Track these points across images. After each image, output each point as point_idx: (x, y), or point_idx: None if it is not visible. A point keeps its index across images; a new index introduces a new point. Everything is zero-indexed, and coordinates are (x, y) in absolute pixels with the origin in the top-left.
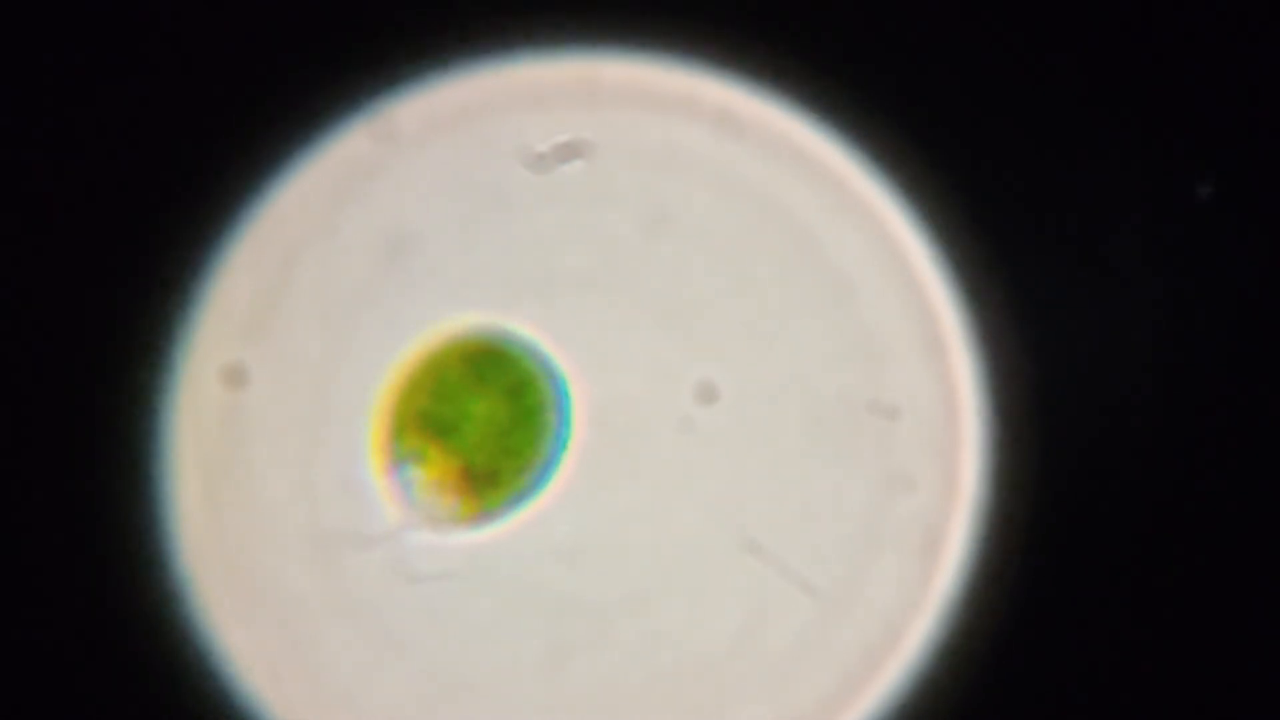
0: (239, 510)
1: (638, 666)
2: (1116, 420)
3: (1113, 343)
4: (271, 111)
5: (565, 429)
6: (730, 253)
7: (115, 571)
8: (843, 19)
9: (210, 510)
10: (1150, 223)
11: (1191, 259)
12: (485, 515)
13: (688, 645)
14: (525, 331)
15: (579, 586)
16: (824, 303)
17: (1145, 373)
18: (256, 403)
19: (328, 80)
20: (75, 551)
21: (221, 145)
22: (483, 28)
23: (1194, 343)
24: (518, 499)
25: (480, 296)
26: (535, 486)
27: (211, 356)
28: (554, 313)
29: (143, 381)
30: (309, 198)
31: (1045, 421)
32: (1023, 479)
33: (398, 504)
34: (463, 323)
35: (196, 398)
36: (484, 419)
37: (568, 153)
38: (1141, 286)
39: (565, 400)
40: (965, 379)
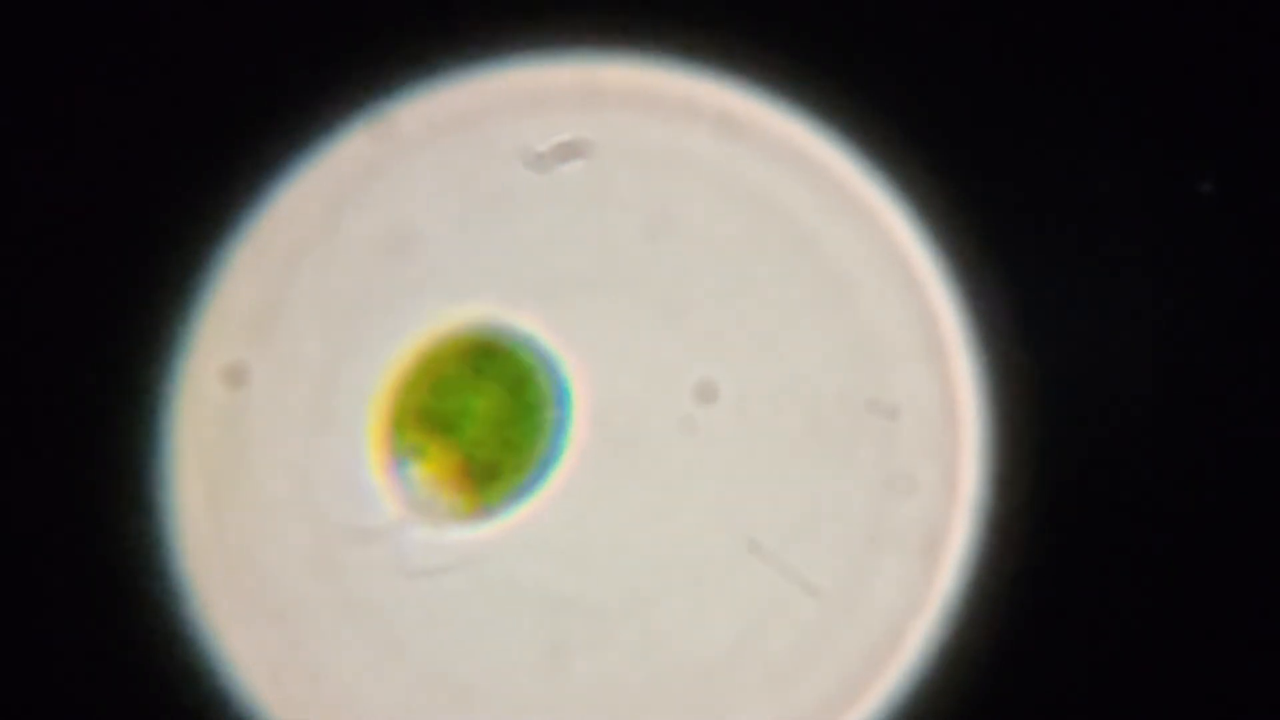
0: (239, 509)
1: (638, 666)
2: (1116, 420)
3: (1113, 343)
4: (274, 113)
5: (565, 424)
6: (730, 254)
7: (115, 571)
8: (842, 21)
9: (211, 509)
10: (1150, 225)
11: (1191, 261)
12: (485, 511)
13: (688, 645)
14: (525, 329)
15: (579, 587)
16: (824, 304)
17: (1145, 373)
18: (257, 402)
19: (330, 82)
20: (75, 551)
21: (224, 146)
22: (484, 31)
23: (1194, 344)
24: (517, 494)
25: (481, 297)
26: (535, 482)
27: (213, 356)
28: (555, 313)
29: (144, 381)
30: (311, 198)
31: (1045, 422)
32: (1023, 479)
33: (398, 500)
34: (463, 319)
35: (198, 397)
36: (484, 414)
37: (568, 152)
38: (1142, 287)
39: (565, 395)
40: (965, 379)
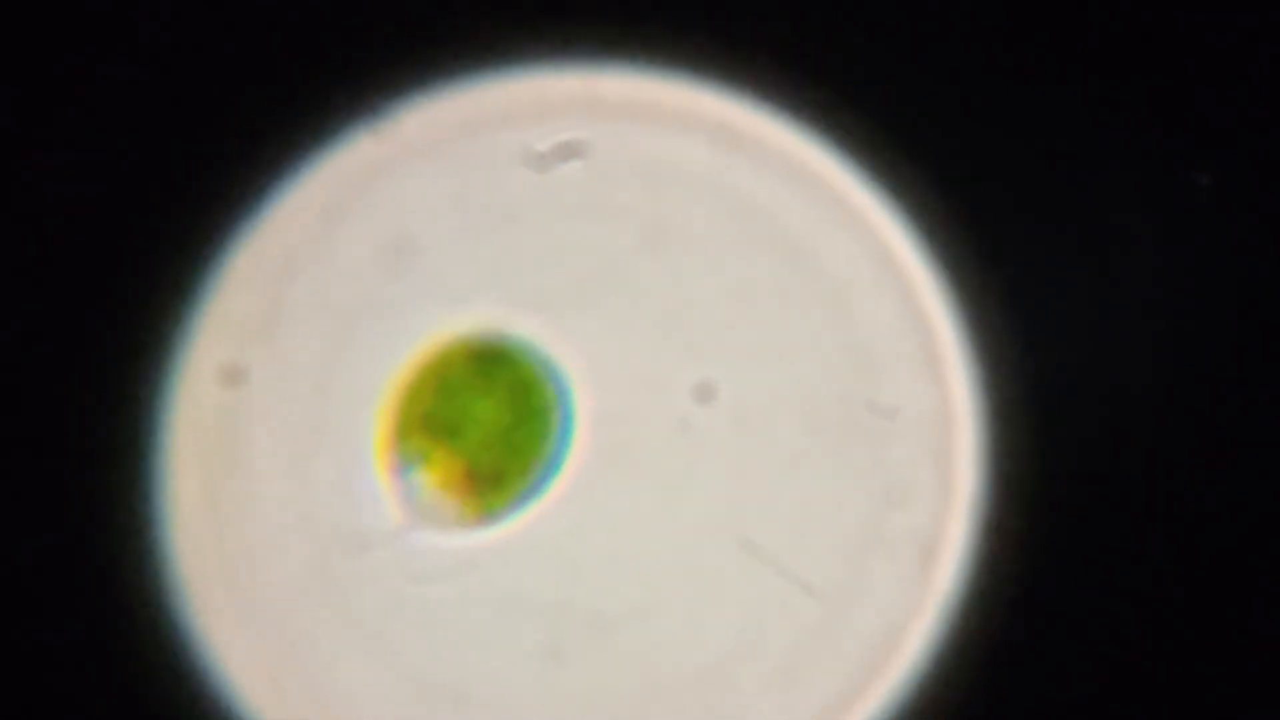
0: (238, 512)
1: (637, 670)
2: (1112, 423)
3: (1107, 347)
4: (277, 117)
5: (568, 430)
6: (727, 261)
7: (112, 572)
8: (837, 32)
9: (209, 512)
10: (1147, 232)
11: (1189, 267)
12: (489, 517)
13: (687, 649)
14: (527, 335)
15: (577, 591)
16: (821, 310)
17: (1141, 375)
18: (257, 405)
19: (332, 87)
20: (71, 552)
21: (227, 150)
22: (484, 40)
23: (1191, 346)
24: (521, 500)
25: (480, 304)
26: (538, 488)
27: (213, 358)
28: (555, 320)
29: (144, 384)
30: (312, 203)
31: (1041, 424)
32: (1019, 482)
33: (401, 505)
34: (467, 325)
35: (197, 400)
36: (488, 420)
37: (566, 152)
38: (1138, 293)
39: (567, 401)
40: (961, 385)
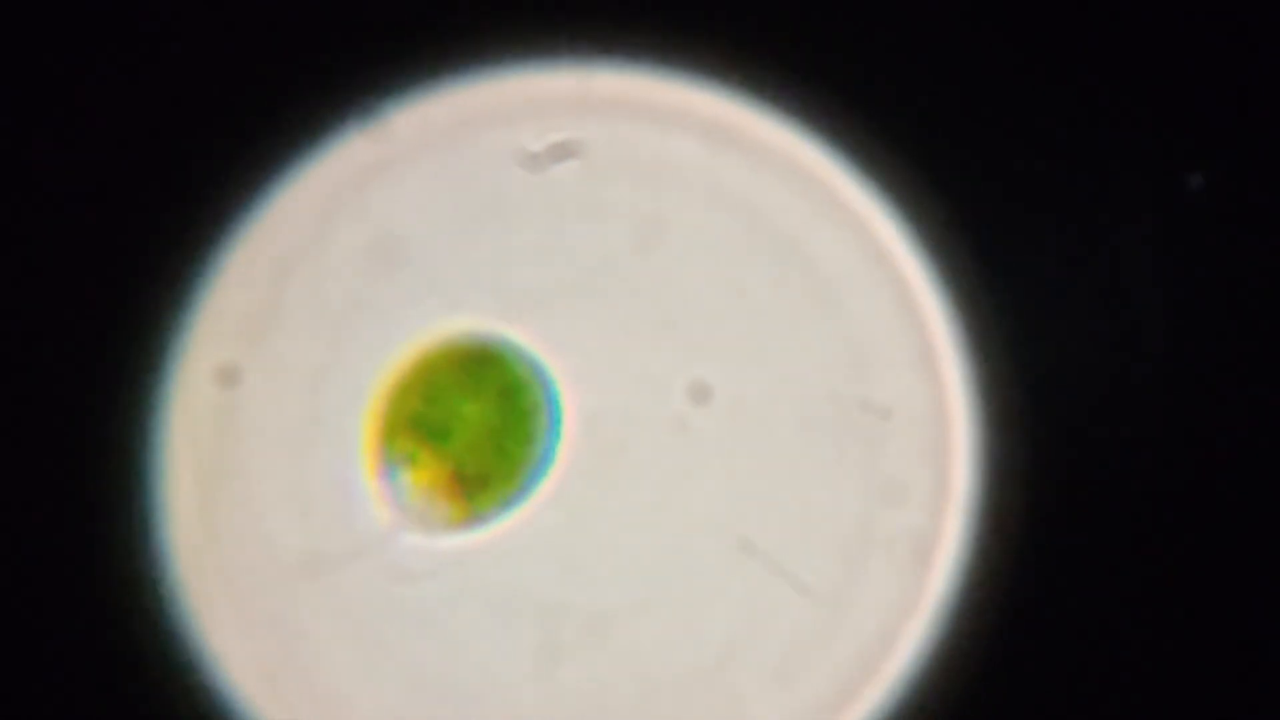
0: (231, 515)
1: (631, 670)
2: (1107, 423)
3: (1103, 347)
4: (269, 117)
5: (557, 433)
6: (721, 260)
7: (107, 572)
8: (830, 29)
9: (203, 514)
10: (1141, 229)
11: (1182, 262)
12: (477, 519)
13: (681, 648)
14: (517, 336)
15: (572, 591)
16: (814, 308)
17: (1136, 376)
18: (249, 406)
19: (325, 87)
20: (67, 553)
21: (219, 149)
22: (477, 38)
23: (1186, 345)
24: (509, 503)
25: (473, 303)
26: (526, 490)
27: (208, 359)
28: (547, 320)
29: (137, 384)
30: (305, 203)
31: (1035, 423)
32: (1014, 482)
33: (389, 507)
34: (455, 327)
35: (190, 400)
36: (476, 422)
37: (561, 152)
38: (1133, 291)
39: (556, 404)
40: (956, 383)
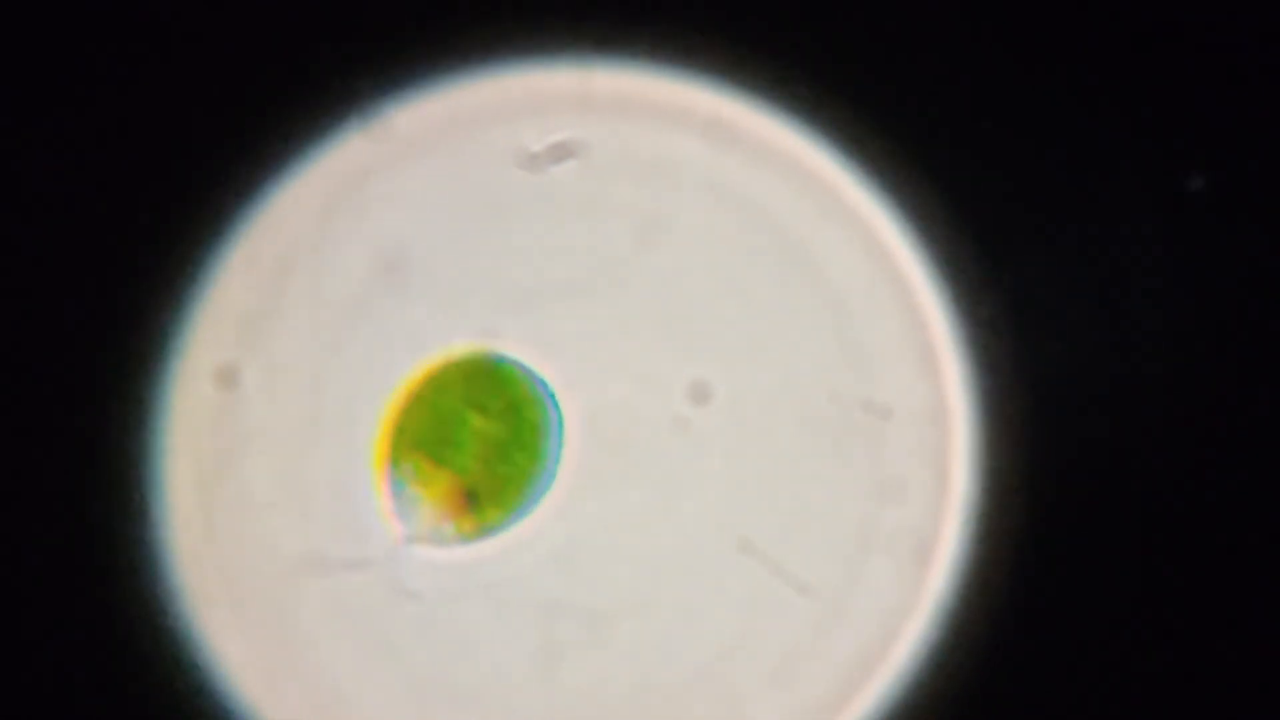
0: (231, 515)
1: (632, 671)
2: (1107, 422)
3: (1104, 349)
4: (269, 116)
5: (562, 444)
6: (722, 259)
7: (107, 574)
8: (832, 27)
9: (203, 514)
10: (1142, 231)
11: (1183, 262)
12: (484, 533)
13: (681, 648)
14: (520, 342)
15: (573, 592)
16: (815, 307)
17: (1136, 375)
18: (249, 406)
19: (324, 85)
20: (66, 554)
21: (219, 149)
22: (477, 37)
23: (1186, 345)
24: (516, 516)
25: (474, 304)
26: (533, 503)
27: (205, 359)
28: (548, 320)
29: (137, 384)
30: (304, 202)
31: (1036, 424)
32: (1014, 481)
33: (396, 522)
34: (460, 341)
35: (189, 401)
36: (482, 438)
37: (561, 152)
38: (1134, 293)
39: (561, 415)
40: (957, 384)
